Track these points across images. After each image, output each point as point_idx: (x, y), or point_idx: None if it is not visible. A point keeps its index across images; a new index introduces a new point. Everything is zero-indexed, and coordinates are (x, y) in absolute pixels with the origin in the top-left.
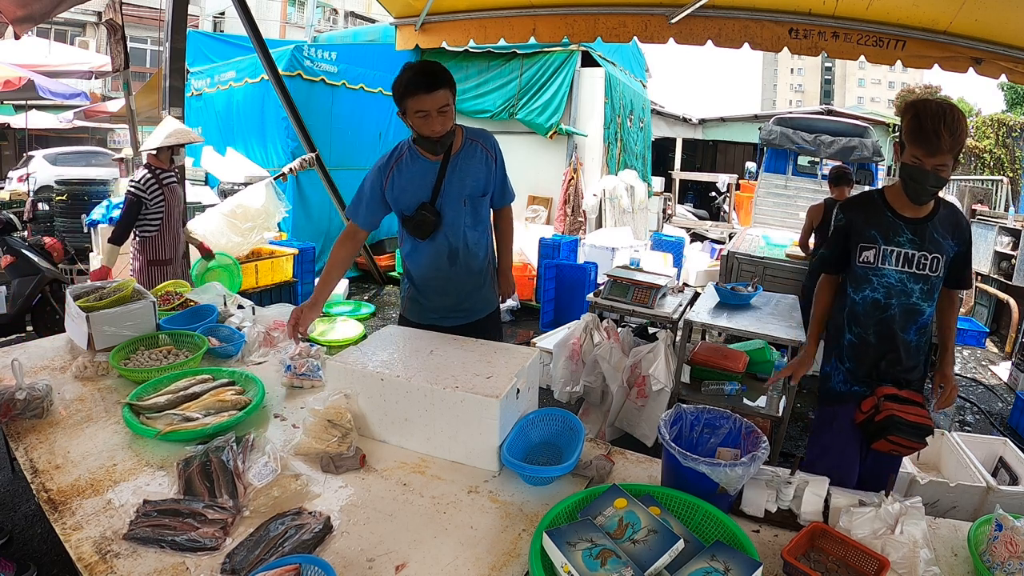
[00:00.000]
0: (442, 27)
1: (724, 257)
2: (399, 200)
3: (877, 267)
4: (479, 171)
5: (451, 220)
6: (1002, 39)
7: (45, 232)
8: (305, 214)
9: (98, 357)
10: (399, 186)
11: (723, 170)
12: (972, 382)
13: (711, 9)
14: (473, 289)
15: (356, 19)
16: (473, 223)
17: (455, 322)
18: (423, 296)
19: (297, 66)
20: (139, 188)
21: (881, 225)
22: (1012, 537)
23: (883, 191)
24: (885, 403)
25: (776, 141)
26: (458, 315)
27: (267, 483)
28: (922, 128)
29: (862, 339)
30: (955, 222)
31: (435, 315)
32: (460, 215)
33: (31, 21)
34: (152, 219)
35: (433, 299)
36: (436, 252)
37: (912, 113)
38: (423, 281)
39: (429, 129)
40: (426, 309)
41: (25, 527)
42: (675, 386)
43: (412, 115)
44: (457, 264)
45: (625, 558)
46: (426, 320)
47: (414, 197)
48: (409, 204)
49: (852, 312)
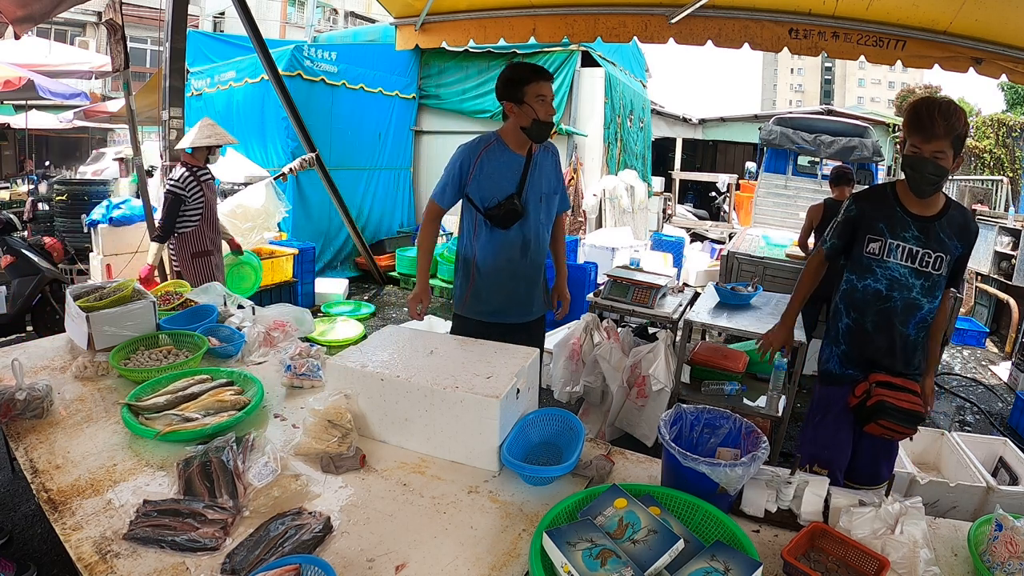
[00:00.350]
0: (442, 27)
1: (724, 257)
2: (484, 188)
3: (882, 259)
4: (552, 172)
5: (531, 213)
6: (1002, 39)
7: (45, 232)
8: (305, 214)
9: (98, 357)
10: (486, 174)
11: (723, 170)
12: (972, 382)
13: (711, 9)
14: (532, 285)
15: (356, 19)
16: (546, 219)
17: (513, 319)
18: (486, 289)
19: (297, 66)
20: (179, 186)
21: (890, 219)
22: (1012, 537)
23: (895, 186)
24: (876, 389)
25: (776, 141)
26: (517, 312)
27: (267, 483)
28: (918, 116)
29: (859, 324)
30: (963, 224)
31: (494, 310)
32: (538, 210)
33: (31, 21)
34: (192, 215)
35: (497, 292)
36: (511, 242)
37: (911, 108)
38: (492, 271)
39: (546, 113)
40: (488, 304)
41: (25, 527)
42: (675, 386)
43: (532, 99)
44: (527, 256)
45: (625, 558)
46: (486, 316)
47: (500, 188)
48: (495, 194)
49: (852, 298)
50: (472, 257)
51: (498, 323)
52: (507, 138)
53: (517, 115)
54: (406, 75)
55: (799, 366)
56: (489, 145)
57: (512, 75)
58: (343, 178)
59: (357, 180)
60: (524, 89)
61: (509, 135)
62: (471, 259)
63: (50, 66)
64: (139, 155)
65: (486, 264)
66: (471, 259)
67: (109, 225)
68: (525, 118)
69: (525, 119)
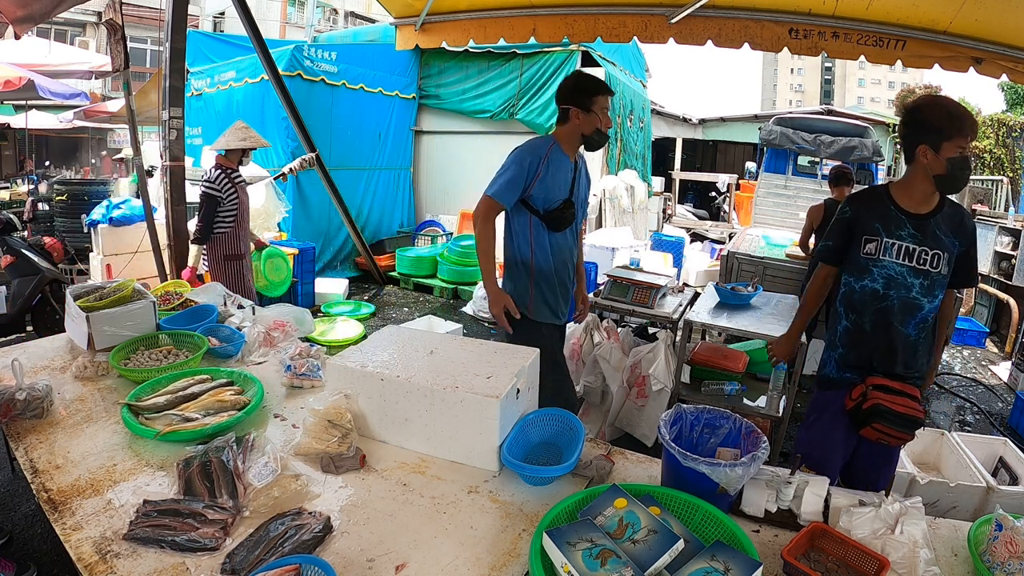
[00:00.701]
0: (442, 27)
1: (724, 257)
2: (547, 191)
3: (878, 259)
4: (587, 179)
5: (578, 217)
6: (1002, 39)
7: (45, 232)
8: (305, 214)
9: (98, 357)
10: (549, 178)
11: (723, 170)
12: (972, 382)
13: (711, 9)
14: (573, 286)
15: (356, 19)
16: (579, 225)
17: (561, 320)
18: (549, 292)
19: (297, 66)
20: (215, 187)
21: (884, 218)
22: (1012, 537)
23: (888, 187)
24: (873, 392)
25: (776, 141)
26: (565, 313)
27: (267, 483)
28: (956, 117)
29: (857, 326)
30: (959, 220)
31: (555, 312)
32: (580, 214)
33: (31, 21)
34: (226, 216)
35: (556, 293)
36: (565, 245)
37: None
38: (554, 273)
39: (607, 124)
40: (552, 306)
41: (25, 527)
42: (675, 386)
43: (600, 110)
44: (573, 259)
45: (625, 558)
46: (552, 319)
47: (559, 192)
48: (554, 198)
49: (850, 300)
50: (530, 260)
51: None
52: (563, 142)
53: (583, 121)
54: (406, 75)
55: (799, 366)
56: (551, 148)
57: (583, 84)
58: (343, 178)
59: (357, 180)
60: (594, 99)
61: (565, 140)
62: (528, 262)
63: (50, 66)
64: (139, 155)
65: (546, 266)
66: (528, 262)
67: (109, 225)
68: (589, 126)
69: (589, 127)
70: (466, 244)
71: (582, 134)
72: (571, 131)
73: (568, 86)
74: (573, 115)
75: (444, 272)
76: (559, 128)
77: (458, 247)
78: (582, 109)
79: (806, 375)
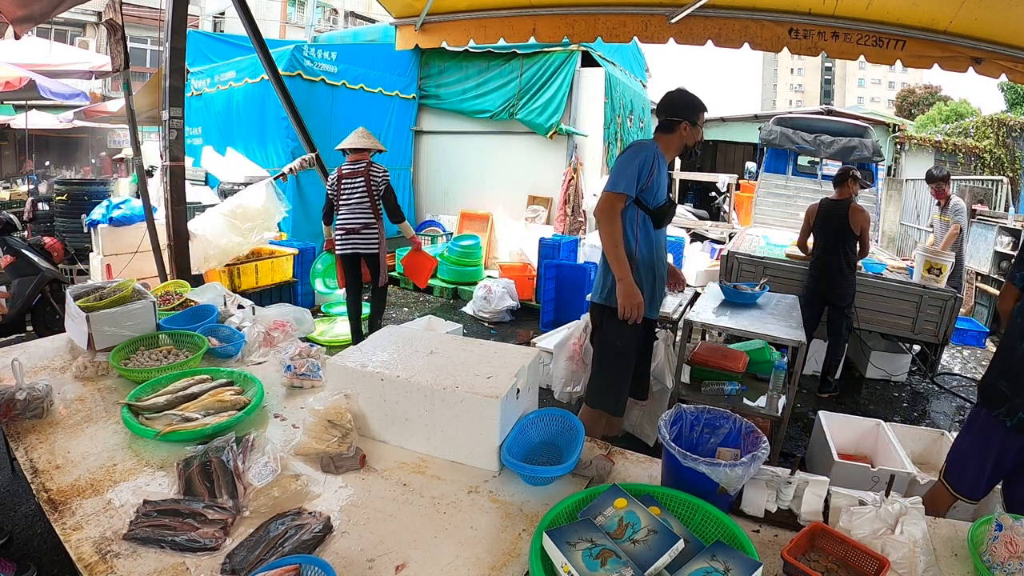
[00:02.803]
0: (442, 27)
1: (724, 257)
2: (657, 188)
3: None
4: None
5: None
6: (1002, 38)
7: (45, 232)
8: (305, 214)
9: (98, 357)
10: (658, 176)
11: (723, 170)
12: (972, 382)
13: (711, 9)
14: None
15: (356, 19)
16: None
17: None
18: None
19: (297, 66)
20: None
21: None
22: (1012, 537)
23: None
24: None
25: (776, 141)
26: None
27: (267, 483)
28: None
29: None
30: None
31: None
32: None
33: (31, 21)
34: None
35: (654, 287)
36: (663, 241)
37: None
38: (649, 267)
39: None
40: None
41: (25, 527)
42: (675, 386)
43: (701, 124)
44: (665, 254)
45: (625, 558)
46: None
47: (663, 190)
48: (660, 195)
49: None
50: (634, 252)
51: (649, 319)
52: (666, 148)
53: (689, 134)
54: (406, 75)
55: (799, 366)
56: (658, 150)
57: (694, 101)
58: None
59: None
60: (700, 116)
61: (669, 146)
62: (632, 256)
63: (50, 66)
64: (139, 155)
65: (646, 260)
66: (632, 256)
67: (109, 225)
68: (692, 138)
69: (693, 140)
70: (466, 244)
71: (686, 145)
72: (676, 141)
73: (681, 101)
74: (682, 127)
75: (444, 272)
76: (663, 136)
77: (458, 247)
78: (691, 123)
79: (806, 375)
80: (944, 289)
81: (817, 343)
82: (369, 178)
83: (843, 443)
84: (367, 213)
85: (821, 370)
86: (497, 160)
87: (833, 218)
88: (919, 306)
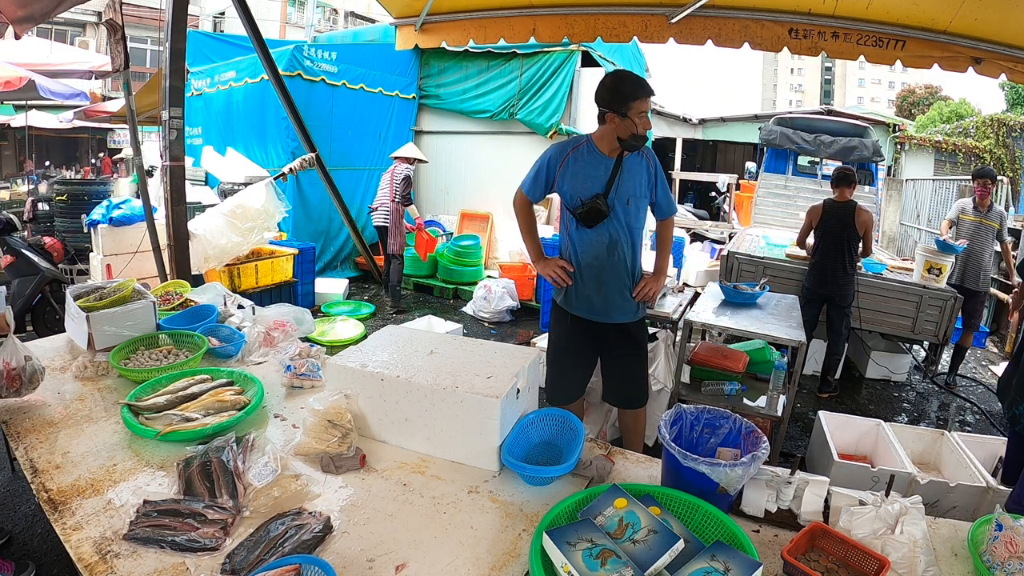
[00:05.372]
0: (442, 27)
1: (724, 257)
2: (572, 186)
3: None
4: (642, 176)
5: (618, 213)
6: (1002, 38)
7: (45, 232)
8: (305, 214)
9: (98, 357)
10: (572, 174)
11: (723, 170)
12: (972, 382)
13: (711, 9)
14: (623, 286)
15: (356, 19)
16: (634, 221)
17: (607, 319)
18: (579, 284)
19: (297, 66)
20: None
21: None
22: (1012, 537)
23: None
24: None
25: (776, 141)
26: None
27: (267, 483)
28: None
29: None
30: None
31: (587, 307)
32: (626, 211)
33: (31, 21)
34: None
35: (588, 289)
36: (599, 241)
37: None
38: (583, 267)
39: (644, 127)
40: (580, 299)
41: (25, 527)
42: (675, 386)
43: (636, 114)
44: (614, 256)
45: (625, 558)
46: (578, 311)
47: (587, 187)
48: (581, 192)
49: None
50: (567, 253)
51: (592, 321)
52: (599, 142)
53: (617, 126)
54: (406, 75)
55: (799, 366)
56: (578, 147)
57: (619, 87)
58: (343, 178)
59: (357, 180)
60: (630, 104)
61: (602, 140)
62: (566, 255)
63: (50, 66)
64: (139, 155)
65: (577, 260)
66: (566, 255)
67: (109, 225)
68: (624, 131)
69: (624, 131)
70: (466, 244)
71: (617, 137)
72: (607, 133)
73: (605, 89)
74: (608, 119)
75: (444, 272)
76: (598, 127)
77: (458, 247)
78: (618, 114)
79: (806, 375)
80: (944, 289)
81: (817, 343)
82: (392, 174)
83: (843, 443)
84: (385, 197)
85: (821, 370)
86: (497, 160)
87: (837, 218)
88: (919, 306)
